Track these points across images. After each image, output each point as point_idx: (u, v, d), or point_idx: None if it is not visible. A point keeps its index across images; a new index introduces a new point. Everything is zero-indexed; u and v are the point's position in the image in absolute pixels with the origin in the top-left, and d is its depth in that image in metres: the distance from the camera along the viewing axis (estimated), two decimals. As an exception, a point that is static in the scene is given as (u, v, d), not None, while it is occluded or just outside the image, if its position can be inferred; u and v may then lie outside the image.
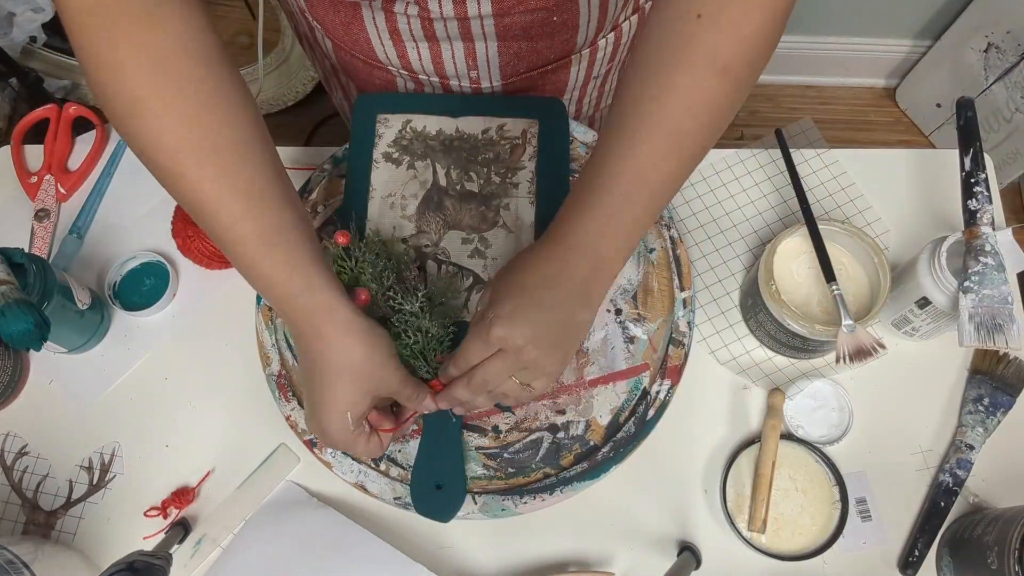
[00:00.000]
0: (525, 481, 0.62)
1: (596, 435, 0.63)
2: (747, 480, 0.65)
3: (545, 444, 0.62)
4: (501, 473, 0.62)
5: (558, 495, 0.61)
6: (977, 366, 0.69)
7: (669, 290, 0.66)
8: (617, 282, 0.67)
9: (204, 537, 0.65)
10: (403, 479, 0.62)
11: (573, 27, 0.69)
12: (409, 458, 0.62)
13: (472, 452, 0.62)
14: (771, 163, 0.78)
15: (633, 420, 0.63)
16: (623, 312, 0.66)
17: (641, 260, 0.67)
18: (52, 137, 0.81)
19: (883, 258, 0.64)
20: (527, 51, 0.70)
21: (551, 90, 0.78)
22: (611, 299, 0.67)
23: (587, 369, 0.65)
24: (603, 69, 0.79)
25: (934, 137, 1.78)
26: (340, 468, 0.62)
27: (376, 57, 0.72)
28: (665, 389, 0.63)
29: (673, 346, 0.65)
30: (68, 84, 1.61)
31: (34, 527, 0.66)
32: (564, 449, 0.62)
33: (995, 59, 1.52)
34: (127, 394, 0.71)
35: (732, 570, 0.64)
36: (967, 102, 0.67)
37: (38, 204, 0.78)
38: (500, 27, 0.66)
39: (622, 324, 0.66)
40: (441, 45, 0.69)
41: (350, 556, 0.63)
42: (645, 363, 0.64)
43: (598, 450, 0.62)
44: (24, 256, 0.64)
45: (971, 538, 0.60)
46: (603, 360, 0.65)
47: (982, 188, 0.64)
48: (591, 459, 0.62)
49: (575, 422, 0.63)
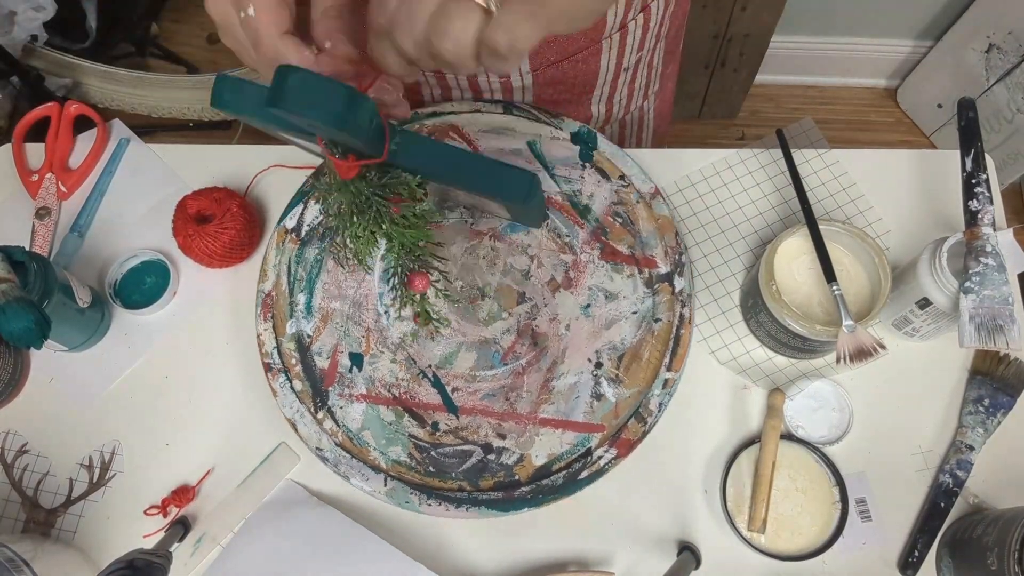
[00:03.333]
0: (439, 485, 0.63)
1: (524, 472, 0.63)
2: (747, 480, 0.65)
3: (473, 459, 0.63)
4: (422, 468, 0.63)
5: (463, 511, 0.61)
6: (977, 367, 0.69)
7: (656, 365, 0.66)
8: (610, 338, 0.67)
9: (204, 536, 0.66)
10: (333, 435, 0.63)
11: None
12: (349, 420, 0.64)
13: (404, 437, 0.62)
14: (772, 163, 0.78)
15: (564, 473, 0.62)
16: (603, 367, 0.66)
17: (643, 325, 0.67)
18: (53, 135, 0.81)
19: (884, 258, 0.64)
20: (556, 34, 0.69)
21: (581, 82, 0.76)
22: (596, 350, 0.66)
23: (544, 407, 0.65)
24: (633, 59, 0.78)
25: (935, 138, 1.78)
26: (283, 401, 0.64)
27: None
28: (608, 457, 0.63)
29: (636, 420, 0.64)
30: (69, 83, 1.61)
31: (34, 525, 0.66)
32: (488, 472, 0.63)
33: (996, 60, 1.52)
34: (127, 392, 0.71)
35: (732, 570, 0.64)
36: (968, 103, 0.67)
37: (39, 202, 0.78)
38: None
39: (597, 378, 0.65)
40: None
41: (350, 555, 0.63)
42: (602, 424, 0.64)
43: (519, 486, 0.62)
44: (25, 254, 0.64)
45: (971, 539, 0.60)
46: (563, 405, 0.65)
47: (983, 189, 0.64)
48: (508, 492, 0.62)
49: (510, 451, 0.64)
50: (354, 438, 0.65)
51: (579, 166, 0.72)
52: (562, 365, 0.66)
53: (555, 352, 0.67)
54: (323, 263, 0.70)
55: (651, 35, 0.77)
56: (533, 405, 0.65)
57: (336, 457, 0.64)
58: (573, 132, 0.73)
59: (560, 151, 0.73)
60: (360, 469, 0.63)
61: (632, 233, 0.70)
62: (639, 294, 0.68)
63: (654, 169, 0.75)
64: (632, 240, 0.70)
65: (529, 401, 0.65)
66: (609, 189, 0.72)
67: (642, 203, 0.71)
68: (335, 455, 0.64)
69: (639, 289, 0.68)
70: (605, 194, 0.72)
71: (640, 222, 0.71)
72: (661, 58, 0.83)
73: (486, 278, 0.69)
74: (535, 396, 0.65)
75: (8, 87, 1.45)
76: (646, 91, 0.86)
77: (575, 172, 0.72)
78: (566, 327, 0.67)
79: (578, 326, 0.68)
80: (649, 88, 0.86)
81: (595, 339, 0.67)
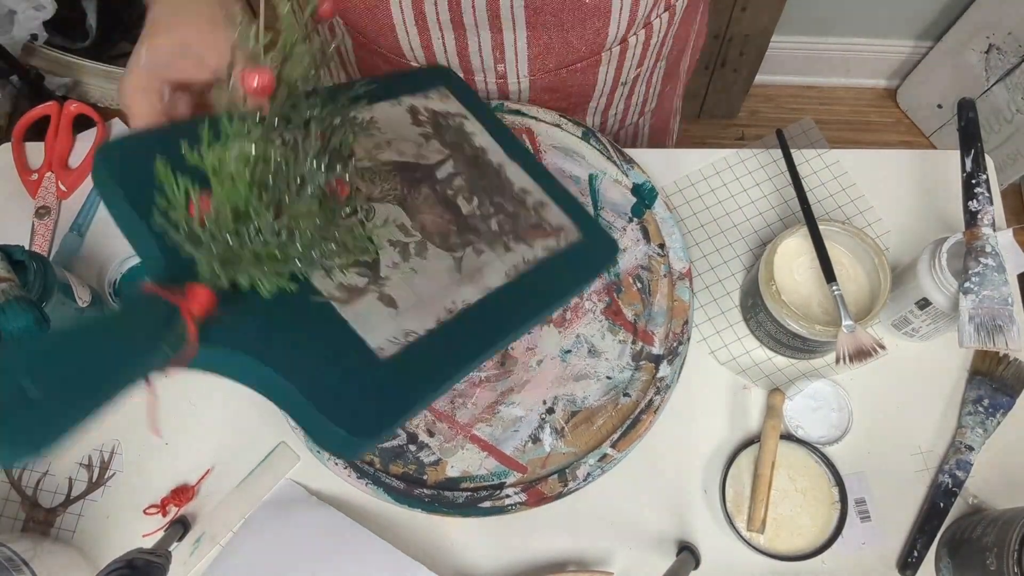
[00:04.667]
0: (367, 460, 0.63)
1: (434, 475, 0.63)
2: (746, 480, 0.65)
3: (395, 442, 0.63)
4: None
5: (362, 484, 0.62)
6: (977, 367, 0.69)
7: (604, 436, 0.64)
8: (574, 390, 0.65)
9: (203, 535, 0.66)
10: None
11: (605, 13, 0.67)
12: None
13: None
14: (772, 163, 0.78)
15: (468, 495, 0.62)
16: (554, 415, 0.64)
17: (610, 392, 0.65)
18: (53, 134, 0.81)
19: (883, 259, 0.64)
20: (557, 43, 0.69)
21: (577, 92, 0.76)
22: (555, 396, 0.65)
23: (481, 426, 0.64)
24: (631, 74, 0.78)
25: (935, 138, 1.78)
26: None
27: (400, 49, 0.70)
28: (516, 500, 0.61)
29: (558, 478, 0.62)
30: (69, 82, 1.61)
31: (33, 524, 0.66)
32: (402, 459, 0.63)
33: (996, 60, 1.52)
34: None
35: (731, 570, 0.64)
36: (968, 103, 0.67)
37: (39, 201, 0.78)
38: (530, 10, 0.64)
39: (542, 422, 0.64)
40: (468, 34, 0.67)
41: (349, 555, 0.63)
42: (526, 467, 0.63)
43: (422, 486, 0.62)
44: (24, 253, 0.64)
45: (970, 539, 0.60)
46: (500, 431, 0.64)
47: (983, 189, 0.64)
48: (409, 486, 0.62)
49: (431, 450, 0.64)
50: None
51: (626, 217, 0.71)
52: (516, 395, 0.65)
53: (516, 380, 0.65)
54: None
55: (651, 53, 0.77)
56: (472, 419, 0.64)
57: None
58: (638, 183, 0.71)
59: (616, 195, 0.71)
60: None
61: (644, 303, 0.68)
62: (622, 363, 0.66)
63: (654, 169, 0.75)
64: (641, 309, 0.68)
65: (471, 414, 0.64)
66: (643, 252, 0.70)
67: (668, 279, 0.69)
68: None
69: (624, 358, 0.66)
70: (638, 254, 0.70)
71: (657, 296, 0.68)
72: (660, 78, 0.84)
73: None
74: (478, 412, 0.64)
75: (8, 86, 1.45)
76: (642, 108, 0.86)
77: (619, 221, 0.70)
78: (538, 362, 0.66)
79: (550, 366, 0.66)
80: (646, 105, 0.86)
81: (559, 385, 0.65)
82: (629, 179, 0.72)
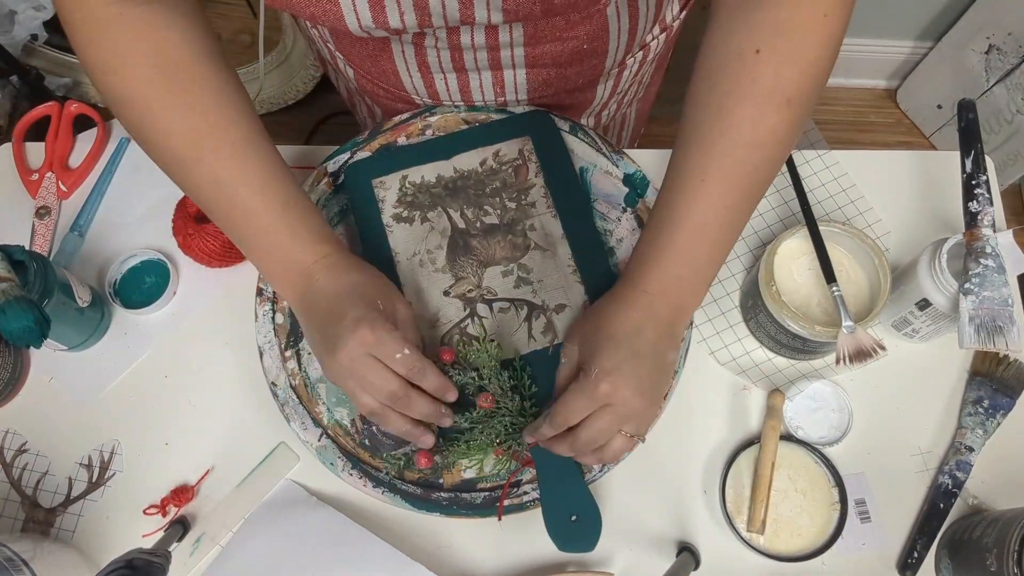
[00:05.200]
0: (367, 459, 0.63)
1: (450, 479, 0.63)
2: (746, 481, 0.65)
3: (407, 448, 0.62)
4: (356, 438, 0.64)
5: (378, 493, 0.62)
6: (977, 368, 0.69)
7: None
8: None
9: (203, 535, 0.66)
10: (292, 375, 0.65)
11: (602, 54, 0.69)
12: (312, 368, 0.66)
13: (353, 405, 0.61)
14: (772, 164, 0.78)
15: (487, 495, 0.62)
16: None
17: None
18: (53, 135, 0.81)
19: (883, 259, 0.64)
20: (555, 77, 0.70)
21: (576, 106, 0.78)
22: None
23: None
24: (627, 86, 0.80)
25: (935, 139, 1.78)
26: (259, 327, 0.66)
27: (403, 88, 0.72)
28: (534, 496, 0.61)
29: None
30: (69, 82, 1.61)
31: (33, 524, 0.66)
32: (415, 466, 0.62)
33: (996, 61, 1.52)
34: (127, 392, 0.71)
35: (731, 571, 0.64)
36: (968, 104, 0.67)
37: (39, 201, 0.78)
38: (530, 57, 0.66)
39: None
40: (470, 75, 0.69)
41: (349, 555, 0.63)
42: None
43: (439, 490, 0.62)
44: (25, 253, 0.64)
45: (970, 540, 0.60)
46: None
47: (983, 190, 0.64)
48: (426, 491, 0.62)
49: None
50: (310, 387, 0.65)
51: (620, 207, 0.71)
52: None
53: None
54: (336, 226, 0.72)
55: (649, 64, 0.79)
56: None
57: (286, 397, 0.64)
58: (628, 174, 0.71)
59: (608, 187, 0.71)
60: (303, 417, 0.64)
61: None
62: None
63: (653, 169, 0.75)
64: None
65: None
66: None
67: None
68: (286, 395, 0.65)
69: None
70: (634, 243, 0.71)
71: None
72: (650, 75, 0.85)
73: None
74: None
75: (8, 86, 1.45)
76: (632, 100, 0.88)
77: (614, 212, 0.70)
78: None
79: None
80: (635, 98, 0.88)
81: None
82: (620, 170, 0.72)
